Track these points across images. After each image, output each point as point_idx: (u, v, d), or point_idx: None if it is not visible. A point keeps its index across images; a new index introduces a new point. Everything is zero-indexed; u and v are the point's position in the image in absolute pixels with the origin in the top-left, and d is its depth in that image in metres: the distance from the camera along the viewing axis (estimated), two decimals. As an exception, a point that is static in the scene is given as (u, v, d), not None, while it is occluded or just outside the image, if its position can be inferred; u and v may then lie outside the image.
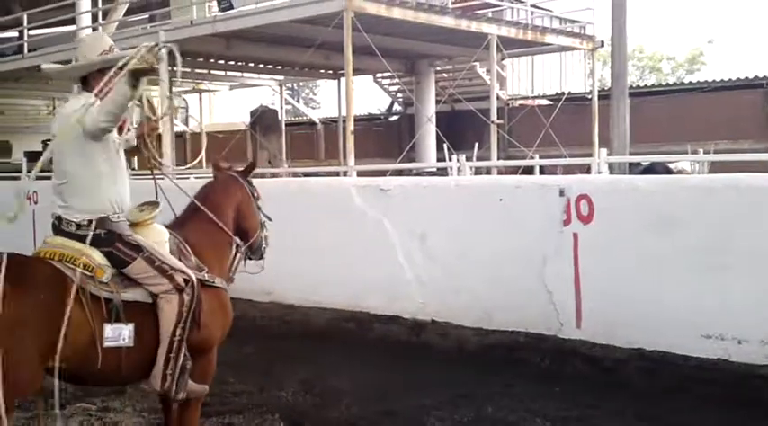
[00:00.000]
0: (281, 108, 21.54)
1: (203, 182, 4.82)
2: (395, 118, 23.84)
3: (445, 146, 12.23)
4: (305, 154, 22.69)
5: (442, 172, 11.63)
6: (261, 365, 6.83)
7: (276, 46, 15.16)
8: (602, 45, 16.31)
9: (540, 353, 6.73)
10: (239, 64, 18.28)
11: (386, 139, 21.82)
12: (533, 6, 16.97)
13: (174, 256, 4.06)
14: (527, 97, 21.48)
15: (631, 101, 12.79)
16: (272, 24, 12.63)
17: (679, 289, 6.43)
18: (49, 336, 3.56)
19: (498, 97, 16.51)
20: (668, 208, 6.58)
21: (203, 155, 9.37)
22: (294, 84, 34.00)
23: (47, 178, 5.02)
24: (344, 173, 11.06)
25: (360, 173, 10.45)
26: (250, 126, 18.15)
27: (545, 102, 20.00)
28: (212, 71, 19.13)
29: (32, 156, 22.59)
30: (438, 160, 16.15)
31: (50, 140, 4.19)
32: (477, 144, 11.37)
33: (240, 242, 4.59)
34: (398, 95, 22.60)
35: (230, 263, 4.54)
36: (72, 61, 4.22)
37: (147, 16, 17.51)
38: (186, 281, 3.91)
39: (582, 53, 20.55)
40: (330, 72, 19.17)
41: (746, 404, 5.48)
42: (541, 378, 6.12)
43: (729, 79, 18.30)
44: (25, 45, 17.93)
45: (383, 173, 10.41)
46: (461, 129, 17.30)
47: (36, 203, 12.56)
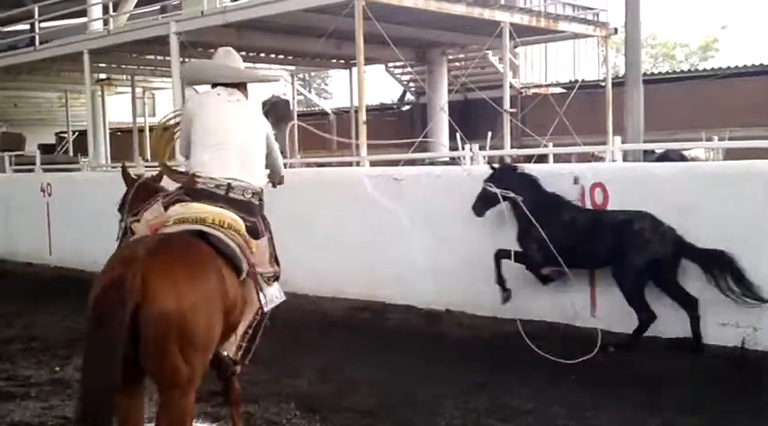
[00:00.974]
0: (292, 98, 21.51)
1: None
2: (407, 107, 23.76)
3: (458, 135, 12.16)
4: (317, 144, 22.64)
5: (454, 161, 11.58)
6: (276, 354, 6.82)
7: (288, 35, 15.11)
8: (615, 32, 16.16)
9: (556, 342, 6.70)
10: (251, 54, 18.23)
11: (398, 129, 21.74)
12: (546, -7, 16.87)
13: None
14: (540, 85, 21.34)
15: (645, 88, 12.69)
16: (283, 14, 12.57)
17: (696, 277, 6.40)
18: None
19: (511, 85, 16.40)
20: (683, 196, 6.53)
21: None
22: (306, 75, 33.94)
23: (60, 170, 5.01)
24: (357, 163, 11.03)
25: (372, 162, 10.42)
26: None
27: (558, 91, 19.85)
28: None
29: (46, 149, 22.77)
30: (451, 149, 16.10)
31: (74, 131, 4.58)
32: (490, 133, 11.30)
33: None
34: (410, 84, 22.51)
35: None
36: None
37: (159, 7, 17.45)
38: None
39: (595, 40, 20.40)
40: (342, 61, 19.11)
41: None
42: (558, 367, 6.08)
43: (744, 66, 18.11)
44: (37, 37, 17.95)
45: (396, 162, 10.38)
46: (474, 118, 17.21)
47: (50, 195, 12.63)
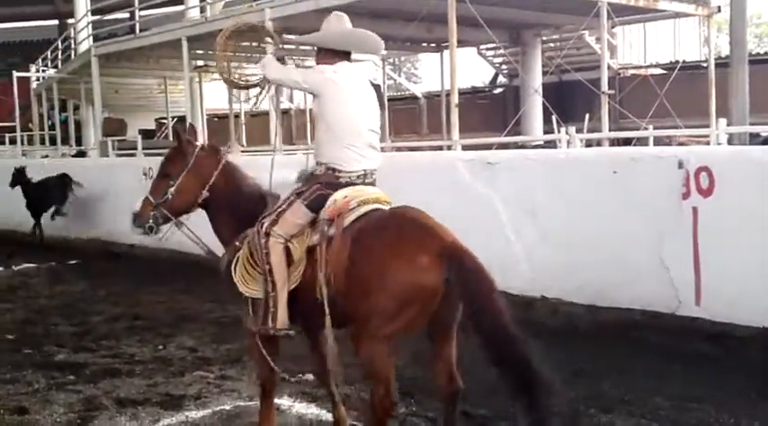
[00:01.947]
0: (383, 83, 21.53)
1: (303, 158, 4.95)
2: (499, 90, 23.47)
3: (554, 118, 11.95)
4: (408, 129, 22.65)
5: (549, 145, 11.37)
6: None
7: (378, 19, 15.05)
8: (718, 10, 15.53)
9: (657, 331, 6.51)
10: (341, 39, 18.31)
11: (490, 112, 21.54)
12: (646, -29, 16.30)
13: None
14: (639, 66, 20.75)
15: (750, 68, 12.15)
16: (376, -3, 12.57)
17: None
18: None
19: (609, 67, 15.98)
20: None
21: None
22: (395, 59, 33.93)
23: (161, 155, 5.14)
24: (449, 147, 10.96)
25: (464, 147, 10.33)
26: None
27: (658, 71, 19.26)
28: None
29: (147, 134, 23.50)
30: (545, 132, 15.83)
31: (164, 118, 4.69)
32: (587, 115, 11.05)
33: None
34: (503, 67, 22.23)
35: None
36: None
37: (254, -6, 17.70)
38: None
39: (696, 20, 19.66)
40: (433, 45, 18.99)
41: None
42: (659, 357, 5.91)
43: None
44: (137, 25, 18.48)
45: (488, 146, 10.26)
46: (570, 101, 16.88)
47: (151, 179, 13.02)
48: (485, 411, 4.96)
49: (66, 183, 14.26)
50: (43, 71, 26.11)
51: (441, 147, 12.38)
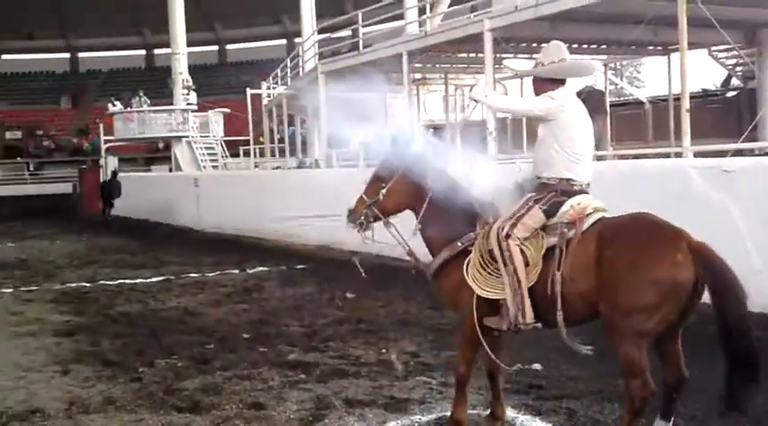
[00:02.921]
0: (605, 88, 20.89)
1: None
2: (733, 93, 22.03)
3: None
4: (631, 135, 21.79)
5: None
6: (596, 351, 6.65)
7: (602, 24, 14.69)
8: None
9: None
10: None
11: (723, 117, 20.23)
12: None
13: None
14: None
15: None
16: (600, 2, 12.22)
17: None
18: None
19: None
20: None
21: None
22: (617, 64, 32.85)
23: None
24: (677, 154, 10.42)
25: (696, 153, 9.78)
26: (575, 108, 17.79)
27: None
28: (534, 55, 19.04)
29: (366, 146, 24.30)
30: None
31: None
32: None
33: None
34: (737, 69, 20.84)
35: None
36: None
37: (469, 6, 17.85)
38: None
39: None
40: (659, 48, 18.18)
41: None
42: None
43: None
44: (360, 42, 19.21)
45: (722, 153, 9.63)
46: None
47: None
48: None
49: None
50: (273, 88, 27.85)
51: (668, 154, 11.80)
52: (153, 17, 47.53)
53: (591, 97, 18.00)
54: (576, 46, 17.90)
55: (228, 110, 32.33)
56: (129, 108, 30.78)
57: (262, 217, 17.09)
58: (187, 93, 30.11)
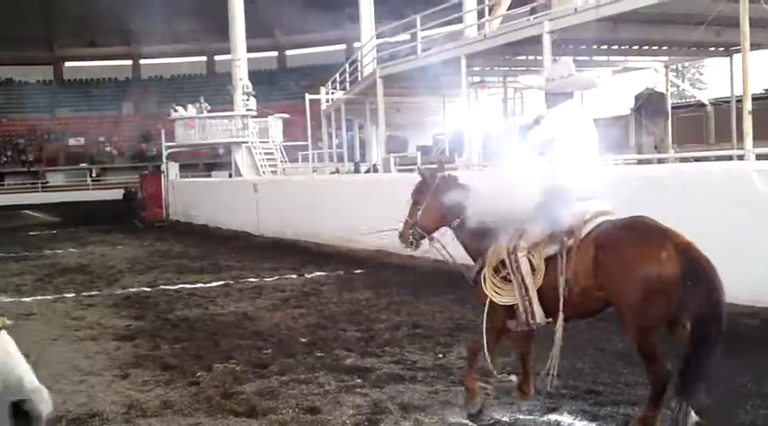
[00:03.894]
0: (666, 90, 20.53)
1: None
2: (798, 95, 21.43)
3: None
4: (692, 138, 21.37)
5: None
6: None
7: (663, 26, 14.46)
8: None
9: None
10: (622, 47, 17.74)
11: (788, 119, 19.68)
12: None
13: None
14: None
15: None
16: (661, 3, 12.01)
17: None
18: None
19: None
20: None
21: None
22: (679, 65, 32.23)
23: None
24: (739, 156, 10.19)
25: (758, 156, 9.55)
26: (635, 110, 17.57)
27: None
28: (594, 57, 18.83)
29: (424, 150, 24.36)
30: None
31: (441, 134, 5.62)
32: None
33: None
34: (802, 69, 20.27)
35: None
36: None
37: (528, 8, 17.73)
38: None
39: None
40: (721, 49, 17.80)
41: None
42: None
43: None
44: (419, 46, 19.23)
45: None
46: None
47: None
48: None
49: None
50: (332, 93, 28.06)
51: (730, 157, 11.54)
52: (213, 24, 48.34)
53: (651, 100, 17.89)
54: (637, 47, 17.66)
55: (287, 116, 32.70)
56: (198, 112, 31.33)
57: (319, 222, 17.21)
58: (247, 99, 30.54)
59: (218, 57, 59.28)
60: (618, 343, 6.76)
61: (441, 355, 7.12)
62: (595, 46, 17.23)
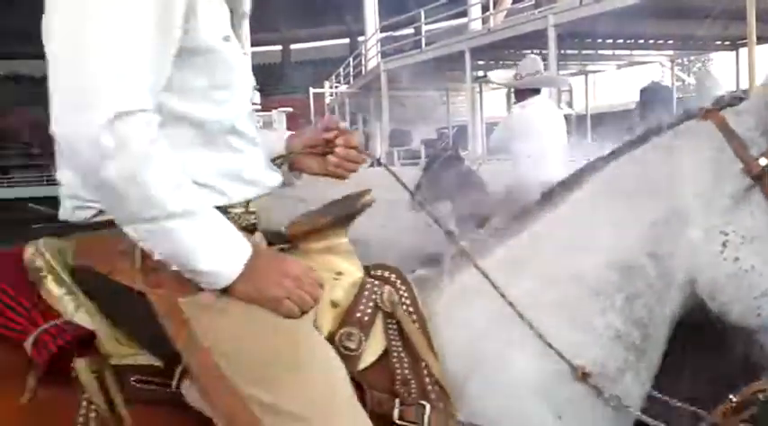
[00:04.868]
0: (671, 84, 20.48)
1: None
2: (805, 89, 21.36)
3: None
4: (698, 133, 21.31)
5: None
6: None
7: (668, 20, 14.39)
8: None
9: None
10: (628, 42, 17.68)
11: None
12: None
13: None
14: None
15: None
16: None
17: None
18: None
19: None
20: None
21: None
22: (684, 59, 32.14)
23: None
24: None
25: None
26: (640, 105, 17.51)
27: None
28: (599, 51, 18.77)
29: (429, 144, 24.34)
30: None
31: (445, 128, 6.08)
32: None
33: None
34: (809, 63, 20.20)
35: None
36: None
37: (533, 2, 17.70)
38: None
39: None
40: (728, 43, 17.73)
41: None
42: None
43: None
44: (423, 40, 19.20)
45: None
46: None
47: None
48: None
49: None
50: (336, 87, 28.05)
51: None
52: (218, 18, 48.23)
53: (657, 94, 17.82)
54: (643, 41, 17.60)
55: (291, 110, 32.69)
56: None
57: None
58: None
59: (222, 51, 59.24)
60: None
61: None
62: (600, 40, 17.17)
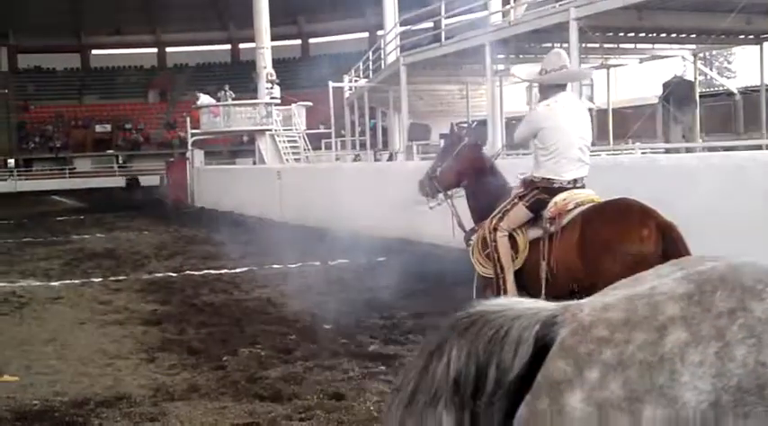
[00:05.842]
0: (694, 79, 20.30)
1: (612, 159, 5.12)
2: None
3: None
4: (721, 127, 21.12)
5: None
6: None
7: (692, 13, 14.27)
8: None
9: None
10: (650, 35, 17.54)
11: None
12: None
13: None
14: None
15: None
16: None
17: None
18: None
19: None
20: None
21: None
22: (706, 53, 31.84)
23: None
24: (769, 146, 10.06)
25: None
26: (663, 99, 17.40)
27: None
28: (621, 45, 18.63)
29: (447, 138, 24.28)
30: None
31: (466, 123, 5.98)
32: None
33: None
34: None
35: None
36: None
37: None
38: None
39: None
40: (751, 37, 17.56)
41: None
42: None
43: None
44: (442, 33, 19.13)
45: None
46: None
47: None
48: None
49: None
50: (355, 81, 28.04)
51: (759, 147, 11.39)
52: (238, 12, 48.37)
53: (679, 88, 17.69)
54: (665, 35, 17.45)
55: (311, 104, 32.71)
56: (218, 101, 31.52)
57: (342, 209, 17.23)
58: (271, 87, 30.61)
59: (242, 46, 59.42)
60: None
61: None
62: (622, 33, 17.04)
